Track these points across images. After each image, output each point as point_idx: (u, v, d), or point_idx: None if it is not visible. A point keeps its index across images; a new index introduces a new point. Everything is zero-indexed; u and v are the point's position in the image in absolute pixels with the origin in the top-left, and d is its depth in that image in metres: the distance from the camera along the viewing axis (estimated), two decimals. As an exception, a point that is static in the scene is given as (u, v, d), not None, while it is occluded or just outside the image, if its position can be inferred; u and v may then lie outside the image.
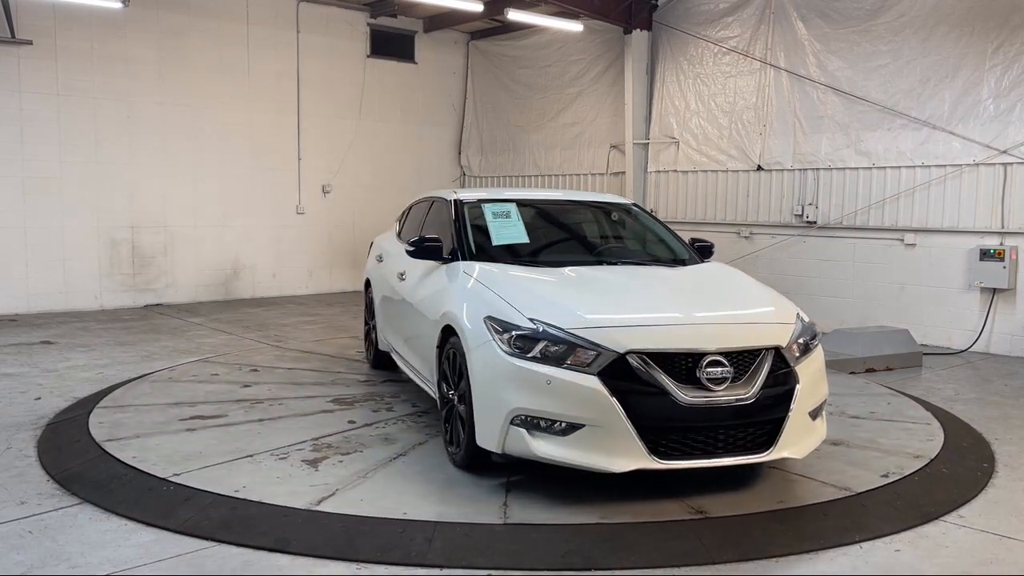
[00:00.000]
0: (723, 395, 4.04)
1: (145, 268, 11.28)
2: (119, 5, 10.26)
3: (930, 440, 5.33)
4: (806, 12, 9.75)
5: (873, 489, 4.44)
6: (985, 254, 8.40)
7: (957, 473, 4.79)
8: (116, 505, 4.11)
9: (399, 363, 6.37)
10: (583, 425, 3.98)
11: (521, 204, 5.81)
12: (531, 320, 4.19)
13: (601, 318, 4.22)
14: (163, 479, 4.37)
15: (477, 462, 4.51)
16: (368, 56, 13.17)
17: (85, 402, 6.02)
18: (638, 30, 11.31)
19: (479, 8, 10.66)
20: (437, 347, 4.91)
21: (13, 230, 10.25)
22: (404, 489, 4.34)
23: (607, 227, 6.28)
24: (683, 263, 5.54)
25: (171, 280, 11.50)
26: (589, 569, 3.54)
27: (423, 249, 5.36)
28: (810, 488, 4.44)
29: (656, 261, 5.59)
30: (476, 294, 4.65)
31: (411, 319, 5.71)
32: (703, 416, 4.02)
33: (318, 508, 4.04)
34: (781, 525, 3.98)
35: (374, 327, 7.11)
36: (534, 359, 4.07)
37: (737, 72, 10.53)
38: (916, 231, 9.02)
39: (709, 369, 4.04)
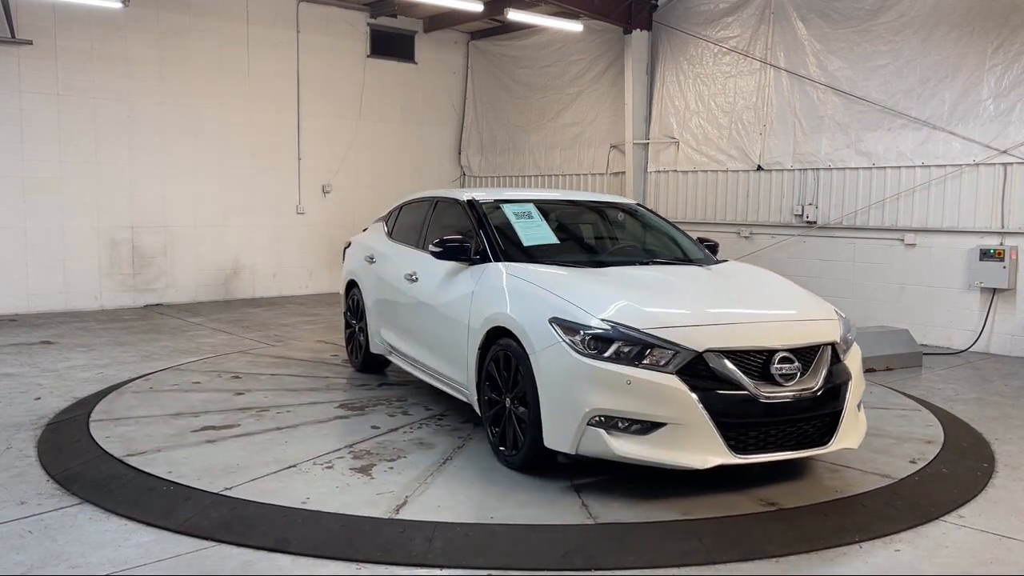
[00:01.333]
0: (793, 390, 4.19)
1: (145, 268, 11.28)
2: (119, 5, 10.27)
3: (930, 440, 5.33)
4: (806, 12, 9.75)
5: (873, 489, 4.44)
6: (985, 254, 8.40)
7: (957, 473, 4.79)
8: (116, 505, 4.11)
9: (405, 366, 6.27)
10: (664, 424, 4.04)
11: (535, 205, 5.82)
12: (603, 321, 4.20)
13: (672, 318, 4.29)
14: (215, 493, 4.18)
15: (538, 464, 4.51)
16: (368, 56, 13.17)
17: (85, 402, 6.02)
18: (638, 30, 11.31)
19: (479, 8, 10.66)
20: (479, 350, 4.87)
21: (13, 230, 10.25)
22: (473, 493, 4.31)
23: (621, 227, 6.31)
24: (702, 262, 5.63)
25: (171, 280, 11.50)
26: (589, 569, 3.54)
27: (450, 250, 5.29)
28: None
29: (682, 261, 5.64)
30: (529, 295, 4.62)
31: (431, 322, 5.62)
32: (777, 411, 4.16)
33: (399, 517, 3.95)
34: (781, 525, 3.98)
35: (361, 329, 6.94)
36: (609, 359, 4.10)
37: (737, 72, 10.53)
38: (916, 231, 9.02)
39: (780, 365, 4.19)
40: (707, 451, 4.04)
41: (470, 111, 14.37)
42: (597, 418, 4.10)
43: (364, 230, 7.75)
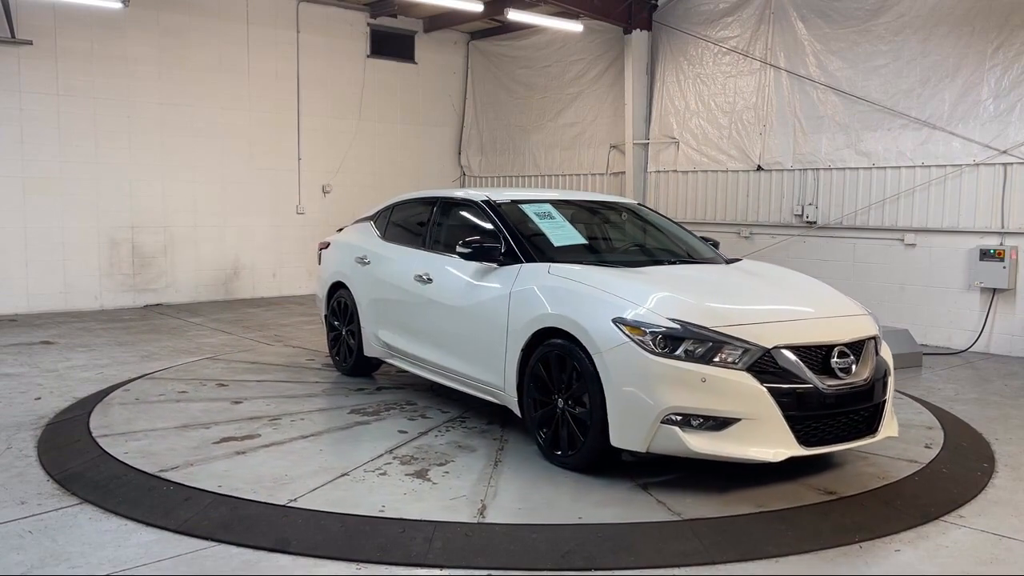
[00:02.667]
0: (849, 382, 4.39)
1: (145, 268, 11.28)
2: (119, 5, 10.27)
3: (930, 440, 5.33)
4: (806, 12, 9.75)
5: (873, 489, 4.44)
6: (985, 254, 8.40)
7: (957, 473, 4.80)
8: (116, 505, 4.11)
9: (411, 368, 6.17)
10: (738, 419, 4.14)
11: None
12: (671, 320, 4.27)
13: (737, 315, 4.42)
14: (282, 506, 4.08)
15: (598, 463, 4.53)
16: (368, 56, 13.17)
17: (85, 402, 6.02)
18: (638, 30, 11.32)
19: (479, 8, 10.66)
20: (522, 351, 4.86)
21: (13, 230, 10.26)
22: (544, 495, 4.29)
23: (634, 227, 6.34)
24: (719, 260, 5.75)
25: (171, 280, 11.50)
26: (589, 569, 3.54)
27: (480, 251, 5.27)
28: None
29: (702, 260, 5.71)
30: (584, 296, 4.61)
31: (452, 324, 5.55)
32: (837, 403, 4.33)
33: (485, 521, 3.93)
34: (781, 525, 3.98)
35: (351, 332, 6.79)
36: (680, 358, 4.17)
37: (737, 72, 10.53)
38: (916, 231, 9.02)
39: (838, 359, 4.38)
40: (778, 444, 4.18)
41: (470, 111, 14.37)
42: (671, 416, 4.16)
43: (339, 230, 7.62)
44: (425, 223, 6.30)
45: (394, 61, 13.48)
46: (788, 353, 4.25)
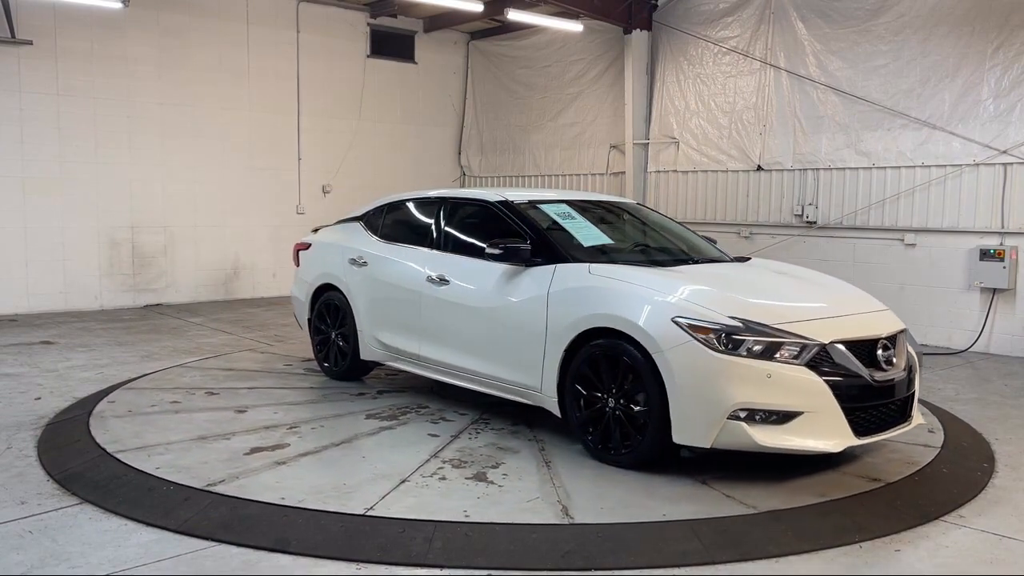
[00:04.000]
0: (892, 374, 4.60)
1: (145, 268, 11.28)
2: (119, 5, 10.27)
3: (930, 440, 5.33)
4: (806, 12, 9.75)
5: (873, 489, 4.44)
6: (985, 254, 8.40)
7: (957, 473, 4.80)
8: (116, 505, 4.11)
9: (420, 371, 6.07)
10: (801, 413, 4.29)
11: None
12: (732, 318, 4.37)
13: (791, 313, 4.59)
14: (354, 514, 4.00)
15: (654, 460, 4.59)
16: (368, 56, 13.17)
17: (85, 402, 6.02)
18: (638, 30, 11.31)
19: (479, 8, 10.66)
20: (565, 351, 4.87)
21: (13, 230, 10.26)
22: (616, 493, 4.31)
23: (644, 227, 6.36)
24: (732, 259, 5.90)
25: (171, 280, 11.50)
26: (589, 569, 3.54)
27: (510, 252, 5.25)
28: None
29: (718, 259, 5.82)
30: (636, 295, 4.65)
31: (477, 325, 5.49)
32: (883, 394, 4.54)
33: (576, 522, 3.94)
34: (781, 525, 3.98)
35: (343, 336, 6.64)
36: (744, 355, 4.29)
37: (737, 72, 10.53)
38: (916, 231, 9.02)
39: (882, 352, 4.58)
40: (836, 436, 4.34)
41: (470, 111, 14.37)
42: (737, 412, 4.27)
43: (315, 231, 7.44)
44: (431, 223, 6.23)
45: (394, 61, 13.48)
46: (842, 348, 4.42)
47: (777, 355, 4.30)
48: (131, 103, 10.96)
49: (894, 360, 4.63)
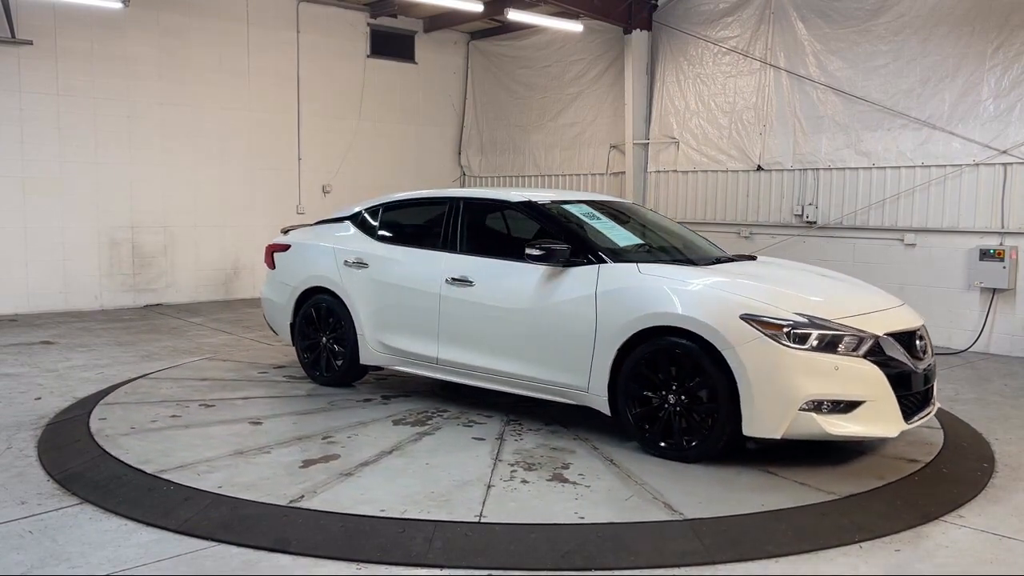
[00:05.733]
0: (928, 363, 4.95)
1: (145, 268, 11.28)
2: (119, 5, 10.27)
3: (930, 440, 5.33)
4: (806, 12, 9.75)
5: (873, 489, 4.44)
6: (985, 254, 8.40)
7: (957, 473, 4.80)
8: (116, 505, 4.11)
9: (435, 375, 5.96)
10: (863, 401, 4.53)
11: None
12: (797, 314, 4.58)
13: (845, 308, 4.85)
14: (475, 522, 3.94)
15: (718, 453, 4.72)
16: (368, 56, 13.17)
17: (85, 402, 6.02)
18: (638, 30, 11.31)
19: (479, 8, 10.66)
20: (619, 350, 4.92)
21: (13, 230, 10.26)
22: (700, 488, 4.38)
23: (655, 227, 6.39)
24: (740, 258, 6.05)
25: (171, 280, 11.50)
26: (589, 569, 3.54)
27: (552, 254, 5.21)
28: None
29: (731, 258, 5.92)
30: (699, 294, 4.78)
31: (511, 327, 5.44)
32: (922, 382, 4.85)
33: (688, 518, 4.00)
34: (781, 525, 3.98)
35: (337, 341, 6.44)
36: (811, 349, 4.50)
37: (737, 72, 10.53)
38: (916, 231, 9.02)
39: (919, 343, 4.93)
40: (892, 422, 4.62)
41: (470, 111, 14.37)
42: (807, 403, 4.47)
43: (285, 232, 7.24)
44: (443, 224, 6.05)
45: (394, 61, 13.48)
46: (891, 339, 4.70)
47: (839, 348, 4.53)
48: (131, 103, 10.97)
49: (927, 349, 4.97)
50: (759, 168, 10.33)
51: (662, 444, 4.84)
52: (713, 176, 10.88)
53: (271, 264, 7.15)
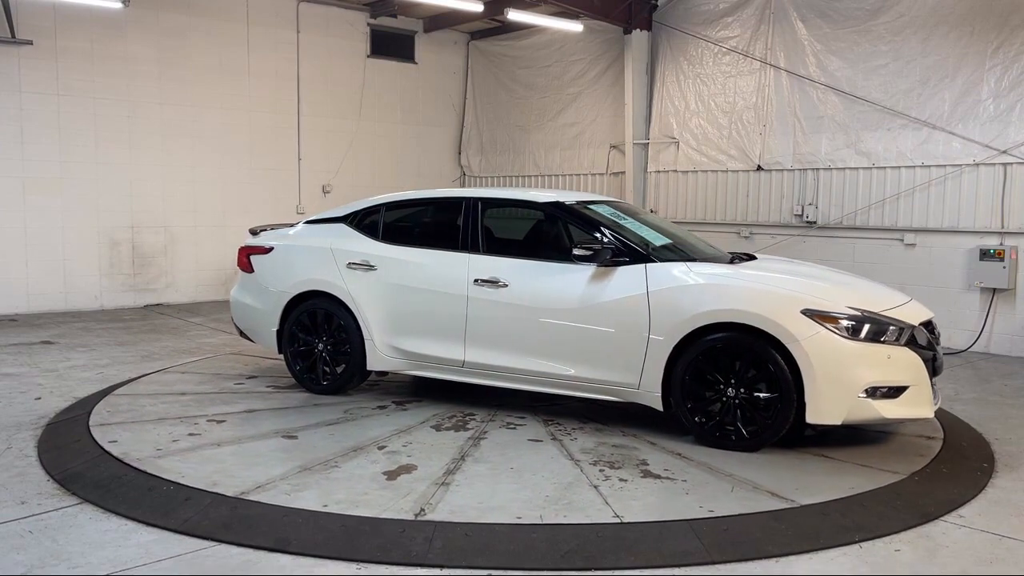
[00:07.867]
0: (941, 350, 5.30)
1: (145, 268, 11.28)
2: (119, 5, 10.27)
3: (930, 440, 5.33)
4: (806, 12, 9.75)
5: (873, 489, 4.44)
6: (985, 254, 8.40)
7: (957, 473, 4.80)
8: (116, 505, 4.11)
9: (468, 379, 5.84)
10: (908, 386, 4.89)
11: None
12: (850, 308, 4.91)
13: (881, 301, 5.16)
14: (610, 523, 3.93)
15: (774, 441, 4.96)
16: (368, 56, 13.17)
17: (85, 402, 6.02)
18: (638, 30, 11.32)
19: (479, 8, 10.66)
20: (675, 347, 5.06)
21: (13, 230, 10.26)
22: (783, 475, 4.60)
23: (657, 227, 6.36)
24: (741, 257, 6.17)
25: (171, 280, 11.50)
26: (589, 569, 3.54)
27: (600, 254, 5.28)
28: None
29: (739, 256, 6.02)
30: (759, 291, 5.00)
31: (554, 328, 5.40)
32: (941, 367, 5.19)
33: (803, 504, 4.19)
34: (781, 525, 3.98)
35: (335, 346, 6.19)
36: (865, 340, 4.83)
37: (737, 72, 10.53)
38: (916, 231, 9.02)
39: (938, 332, 5.34)
40: (927, 404, 4.99)
41: (470, 111, 14.37)
42: (867, 390, 4.79)
43: (255, 232, 6.89)
44: (462, 225, 5.91)
45: (394, 61, 13.48)
46: (922, 328, 5.07)
47: (884, 338, 4.85)
48: (131, 103, 10.97)
49: (939, 339, 5.35)
50: (759, 168, 10.33)
51: (720, 436, 5.04)
52: (713, 176, 10.88)
53: (247, 267, 6.71)
